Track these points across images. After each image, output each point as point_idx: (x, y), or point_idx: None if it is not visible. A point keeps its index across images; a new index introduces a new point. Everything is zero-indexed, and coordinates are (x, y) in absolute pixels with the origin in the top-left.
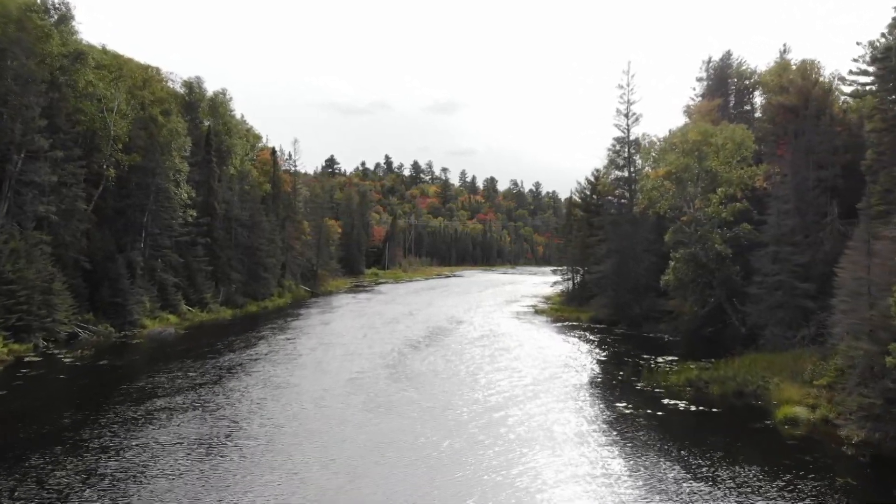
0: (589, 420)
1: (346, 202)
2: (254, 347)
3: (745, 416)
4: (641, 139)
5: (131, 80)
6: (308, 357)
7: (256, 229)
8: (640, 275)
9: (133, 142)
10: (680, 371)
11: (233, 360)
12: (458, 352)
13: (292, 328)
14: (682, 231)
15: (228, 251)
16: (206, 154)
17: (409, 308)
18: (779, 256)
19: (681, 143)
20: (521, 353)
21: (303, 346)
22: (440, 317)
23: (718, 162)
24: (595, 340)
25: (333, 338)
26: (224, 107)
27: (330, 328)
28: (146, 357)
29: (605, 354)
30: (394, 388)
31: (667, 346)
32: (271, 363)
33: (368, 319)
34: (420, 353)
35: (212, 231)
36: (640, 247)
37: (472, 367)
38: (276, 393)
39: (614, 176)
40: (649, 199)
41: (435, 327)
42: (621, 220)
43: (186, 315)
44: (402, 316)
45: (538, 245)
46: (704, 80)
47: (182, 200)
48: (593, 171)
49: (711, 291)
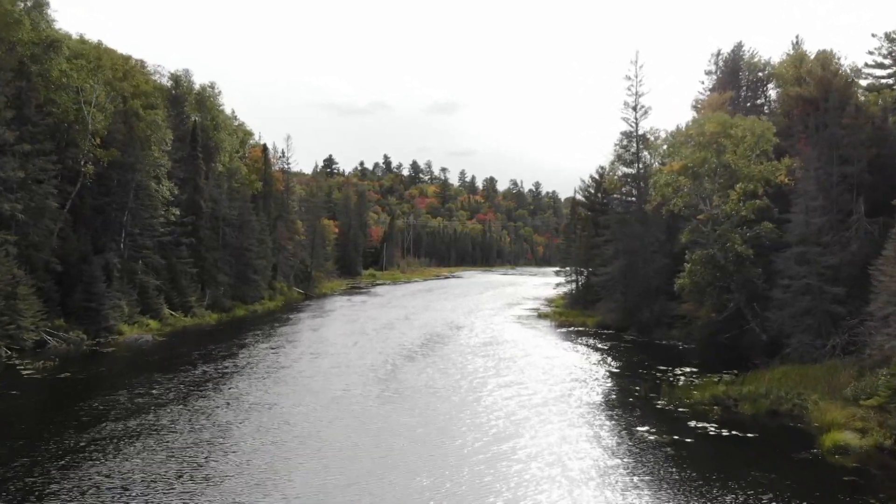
0: (609, 451)
1: (344, 202)
2: (232, 358)
3: (785, 443)
4: (649, 134)
5: (111, 72)
6: (290, 370)
7: (246, 229)
8: (650, 277)
9: (112, 136)
10: (704, 386)
11: (205, 374)
12: (457, 363)
13: (278, 335)
14: (698, 230)
15: (215, 252)
16: (191, 150)
17: (406, 312)
18: (806, 257)
19: (697, 136)
20: (526, 364)
21: (286, 356)
22: (438, 322)
23: (737, 155)
24: (604, 349)
25: (321, 346)
26: (212, 101)
27: (319, 335)
28: (114, 369)
29: (617, 365)
30: (384, 410)
31: (682, 354)
32: (247, 378)
33: (361, 325)
34: (415, 364)
35: (197, 231)
36: (650, 247)
37: (473, 381)
38: (245, 417)
39: (621, 172)
40: (662, 195)
41: (432, 334)
42: (630, 219)
43: (168, 320)
44: (398, 321)
45: (538, 245)
46: (714, 73)
47: (164, 198)
48: (597, 169)
49: (729, 296)
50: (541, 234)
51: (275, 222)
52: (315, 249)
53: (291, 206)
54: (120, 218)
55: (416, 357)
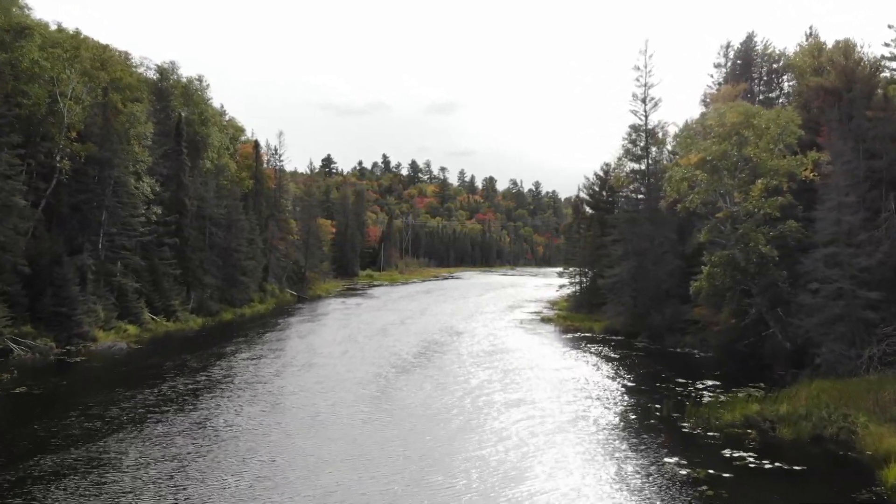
0: (638, 492)
1: (342, 201)
2: (208, 370)
3: (838, 477)
4: (658, 128)
5: (89, 62)
6: (269, 385)
7: (234, 228)
8: (661, 279)
9: (89, 129)
10: (733, 405)
11: (174, 390)
12: (457, 377)
13: (262, 342)
14: (717, 230)
15: (201, 253)
16: (175, 145)
17: (402, 315)
18: (837, 259)
19: (716, 126)
20: (532, 377)
21: (267, 368)
22: (436, 327)
23: (760, 148)
24: (616, 358)
25: (307, 356)
26: (199, 94)
27: (306, 342)
28: (76, 382)
29: (631, 377)
30: (372, 438)
31: (699, 364)
32: (220, 395)
33: (354, 330)
34: (410, 377)
35: (182, 230)
36: (661, 248)
37: (476, 400)
38: (207, 447)
39: (629, 168)
40: (678, 191)
41: (429, 341)
42: (639, 218)
43: (149, 325)
44: (393, 326)
45: (538, 245)
46: (723, 66)
47: (145, 196)
48: (602, 166)
49: (750, 300)
50: (541, 234)
51: (266, 222)
52: (309, 250)
53: (284, 205)
54: (98, 216)
55: (411, 369)
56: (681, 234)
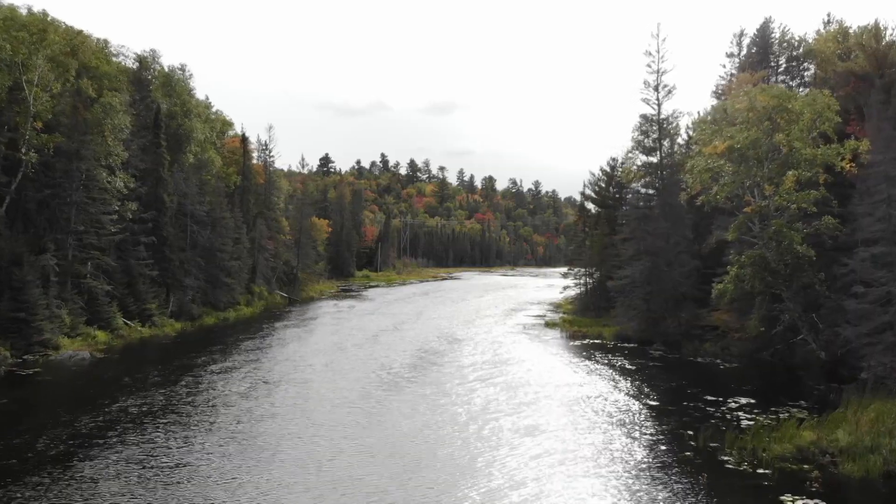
0: None
1: (338, 200)
2: (170, 386)
3: None
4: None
5: (59, 47)
6: (233, 409)
7: (218, 227)
8: (677, 281)
9: (58, 119)
10: (781, 432)
11: (123, 412)
12: (456, 396)
13: (240, 351)
14: (745, 226)
15: (182, 253)
16: (153, 137)
17: (396, 320)
18: (887, 259)
19: (746, 111)
20: (542, 396)
21: (238, 384)
22: (432, 333)
23: (793, 136)
24: (632, 370)
25: (286, 369)
26: (182, 85)
27: (289, 352)
28: (16, 400)
29: (653, 394)
30: (352, 483)
31: (725, 376)
32: (174, 421)
33: (343, 337)
34: (402, 397)
35: (160, 228)
36: (677, 247)
37: (481, 427)
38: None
39: (640, 162)
40: (701, 183)
41: (425, 350)
42: (653, 214)
43: (121, 331)
44: (386, 332)
45: (538, 245)
46: (736, 55)
47: (118, 191)
48: (608, 161)
49: (781, 305)
50: (540, 234)
51: (254, 220)
52: (301, 249)
53: (275, 202)
54: (66, 213)
55: (403, 386)
56: (697, 232)
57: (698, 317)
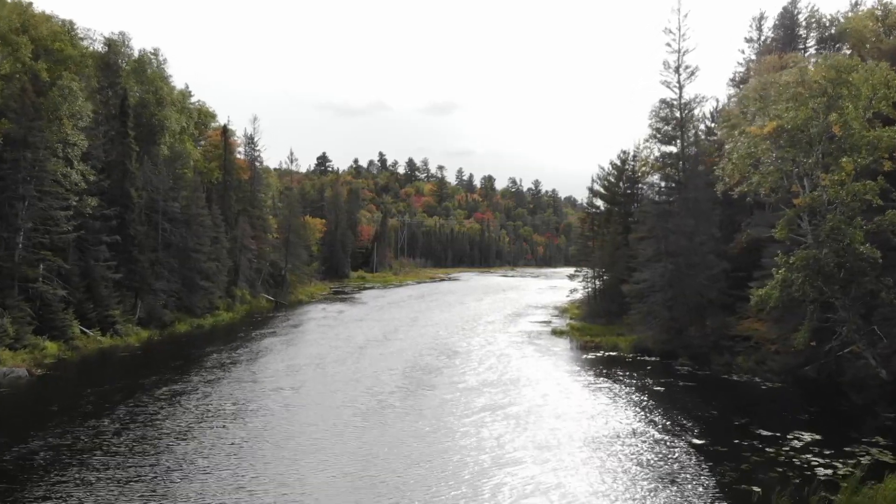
0: None
1: (334, 199)
2: (103, 415)
3: None
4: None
5: (5, 22)
6: (171, 450)
7: (194, 225)
8: (703, 286)
9: (6, 104)
10: (882, 492)
11: (27, 457)
12: (455, 432)
13: (202, 368)
14: (793, 222)
15: (152, 253)
16: (120, 126)
17: (388, 327)
18: None
19: (795, 85)
20: (562, 433)
21: (186, 413)
22: (427, 344)
23: (851, 114)
24: (661, 393)
25: (250, 393)
26: (155, 71)
27: (258, 368)
28: None
29: (696, 429)
30: None
31: (771, 400)
32: (89, 467)
33: (325, 349)
34: (386, 434)
35: (126, 226)
36: (704, 246)
37: (490, 479)
38: None
39: (658, 152)
40: (741, 172)
41: (418, 366)
42: (675, 210)
43: (78, 341)
44: (375, 343)
45: (538, 245)
46: (756, 40)
47: (75, 184)
48: (619, 154)
49: (835, 315)
50: (540, 234)
51: (236, 218)
52: (290, 250)
53: (262, 199)
54: (15, 209)
55: (390, 419)
56: (727, 230)
57: (727, 325)
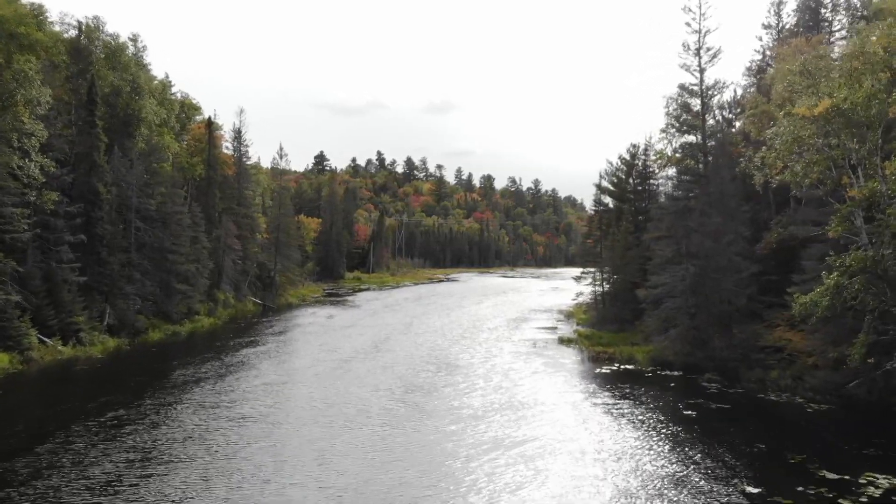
0: None
1: (330, 198)
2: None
3: None
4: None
5: None
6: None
7: (171, 224)
8: (731, 291)
9: None
10: None
11: None
12: (455, 480)
13: (163, 386)
14: (846, 219)
15: (122, 254)
16: (87, 115)
17: (380, 334)
18: None
19: (850, 59)
20: (579, 475)
21: (131, 447)
22: (421, 356)
23: None
24: (692, 417)
25: (209, 420)
26: (131, 58)
27: (226, 386)
28: None
29: (740, 467)
30: None
31: (824, 427)
32: None
33: (307, 361)
34: (369, 492)
35: (93, 224)
36: (732, 247)
37: None
38: None
39: (677, 143)
40: (785, 159)
41: (410, 385)
42: (699, 207)
43: (34, 352)
44: (363, 354)
45: (538, 245)
46: (775, 26)
47: (34, 179)
48: (628, 148)
49: (889, 326)
50: (540, 234)
51: (220, 216)
52: (280, 250)
53: (250, 197)
54: None
55: (372, 458)
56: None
57: (756, 335)
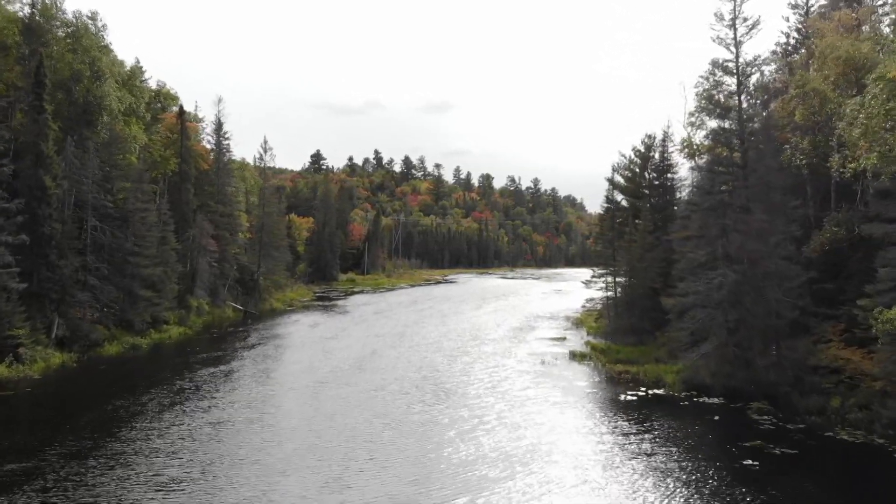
0: None
1: (324, 197)
2: None
3: None
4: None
5: None
6: None
7: (134, 223)
8: (781, 302)
9: None
10: None
11: None
12: None
13: (100, 418)
14: None
15: (76, 257)
16: (34, 99)
17: (367, 347)
18: None
19: None
20: None
21: None
22: (411, 377)
23: None
24: (755, 472)
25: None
26: (90, 38)
27: (172, 418)
28: None
29: None
30: None
31: None
32: None
33: (277, 383)
34: None
35: (38, 223)
36: (780, 250)
37: None
38: None
39: (708, 128)
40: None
41: (394, 420)
42: (738, 203)
43: None
44: (344, 373)
45: (538, 245)
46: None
47: None
48: (644, 138)
49: None
50: (540, 234)
51: (194, 214)
52: (265, 251)
53: (233, 194)
54: None
55: None
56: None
57: (807, 353)
